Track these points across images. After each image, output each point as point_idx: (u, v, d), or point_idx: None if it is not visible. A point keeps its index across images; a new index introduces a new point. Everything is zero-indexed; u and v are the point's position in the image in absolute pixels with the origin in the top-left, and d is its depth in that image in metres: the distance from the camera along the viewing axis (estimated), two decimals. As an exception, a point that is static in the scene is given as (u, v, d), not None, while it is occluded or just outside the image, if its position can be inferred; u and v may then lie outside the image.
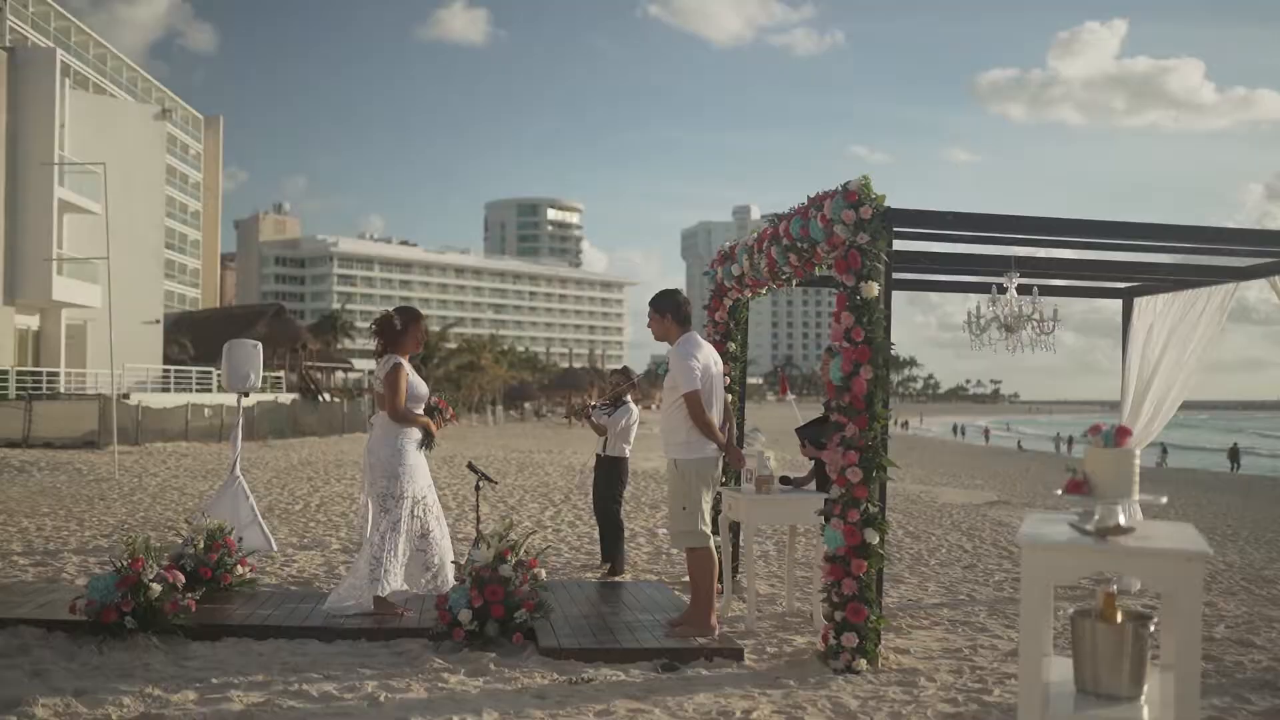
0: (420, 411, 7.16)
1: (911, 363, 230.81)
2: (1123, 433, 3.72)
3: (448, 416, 7.48)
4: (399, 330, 7.15)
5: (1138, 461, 3.67)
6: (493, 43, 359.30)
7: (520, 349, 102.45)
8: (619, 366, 11.49)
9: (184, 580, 6.88)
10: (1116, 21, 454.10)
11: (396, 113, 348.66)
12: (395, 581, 6.93)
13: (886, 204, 6.27)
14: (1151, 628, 3.49)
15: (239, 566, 7.74)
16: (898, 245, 6.77)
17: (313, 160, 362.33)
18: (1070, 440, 67.59)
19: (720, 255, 8.82)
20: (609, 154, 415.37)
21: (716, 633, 6.71)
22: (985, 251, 8.34)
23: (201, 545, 7.58)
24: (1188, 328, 8.91)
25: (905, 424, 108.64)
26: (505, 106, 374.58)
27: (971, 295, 9.66)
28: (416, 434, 7.13)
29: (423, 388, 7.22)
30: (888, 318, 6.29)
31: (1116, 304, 9.74)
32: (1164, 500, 3.68)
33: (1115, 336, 9.51)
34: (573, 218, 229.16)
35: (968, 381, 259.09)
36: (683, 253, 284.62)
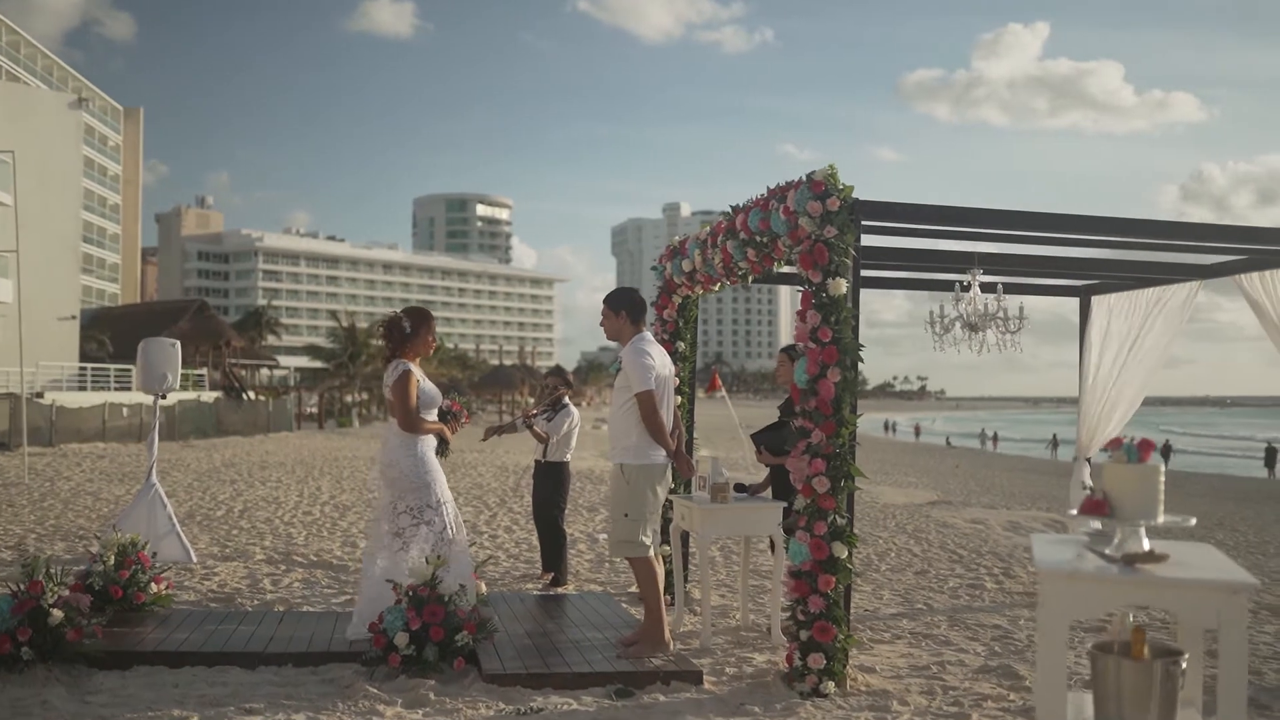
0: (433, 418, 6.67)
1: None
2: (1146, 446, 3.35)
3: (463, 420, 7.03)
4: (408, 333, 6.62)
5: (1163, 478, 3.31)
6: (420, 36, 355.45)
7: (449, 346, 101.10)
8: (552, 367, 11.02)
9: (92, 601, 6.34)
10: (1039, 24, 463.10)
11: (322, 106, 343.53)
12: None
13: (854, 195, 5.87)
14: (1183, 665, 3.13)
15: (153, 584, 7.14)
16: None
17: (236, 153, 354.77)
18: (995, 436, 68.64)
19: (669, 250, 8.39)
20: (538, 149, 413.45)
21: (670, 649, 6.31)
22: (946, 247, 8.04)
23: (111, 562, 6.98)
24: (1148, 327, 8.68)
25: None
26: (433, 101, 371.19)
27: (924, 292, 9.38)
28: (433, 439, 6.66)
29: (435, 393, 6.70)
30: (856, 316, 5.90)
31: (1043, 301, 9.50)
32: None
33: (1040, 334, 9.22)
34: (502, 214, 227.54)
35: (894, 378, 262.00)
36: (613, 249, 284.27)
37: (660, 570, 6.48)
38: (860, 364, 5.87)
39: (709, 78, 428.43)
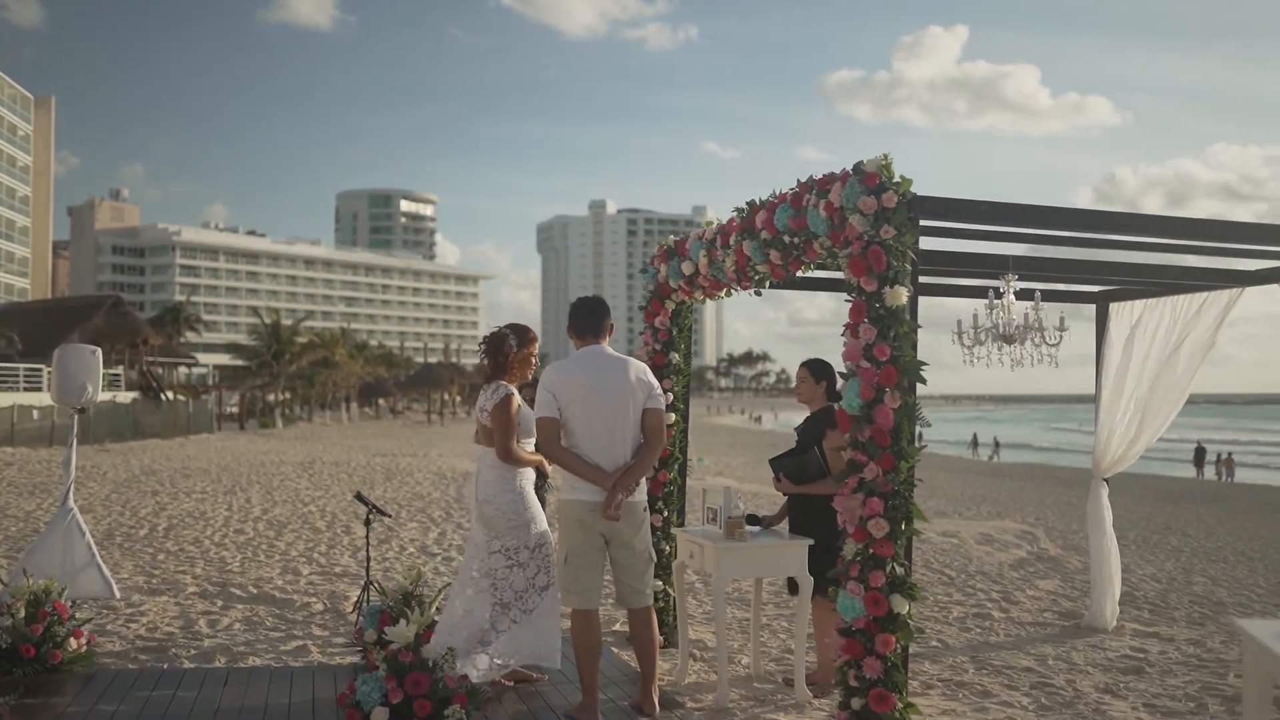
0: (531, 446, 5.86)
1: (765, 357, 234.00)
2: None
3: None
4: (515, 350, 5.91)
5: None
6: (340, 28, 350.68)
7: (373, 343, 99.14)
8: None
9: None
10: (958, 26, 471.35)
11: (241, 97, 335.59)
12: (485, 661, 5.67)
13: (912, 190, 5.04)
14: None
15: (72, 639, 6.09)
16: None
17: (151, 145, 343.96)
18: (920, 435, 68.96)
19: (663, 250, 7.49)
20: (463, 145, 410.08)
21: (656, 713, 5.50)
22: (978, 249, 7.23)
23: (21, 615, 5.92)
24: (1180, 339, 7.97)
25: (759, 418, 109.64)
26: (356, 94, 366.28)
27: (942, 299, 8.62)
28: (532, 472, 5.94)
29: (534, 420, 5.85)
30: (916, 330, 5.06)
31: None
32: None
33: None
34: (426, 210, 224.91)
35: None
36: (538, 246, 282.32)
37: (594, 633, 5.54)
38: (923, 384, 5.03)
39: (633, 75, 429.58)
